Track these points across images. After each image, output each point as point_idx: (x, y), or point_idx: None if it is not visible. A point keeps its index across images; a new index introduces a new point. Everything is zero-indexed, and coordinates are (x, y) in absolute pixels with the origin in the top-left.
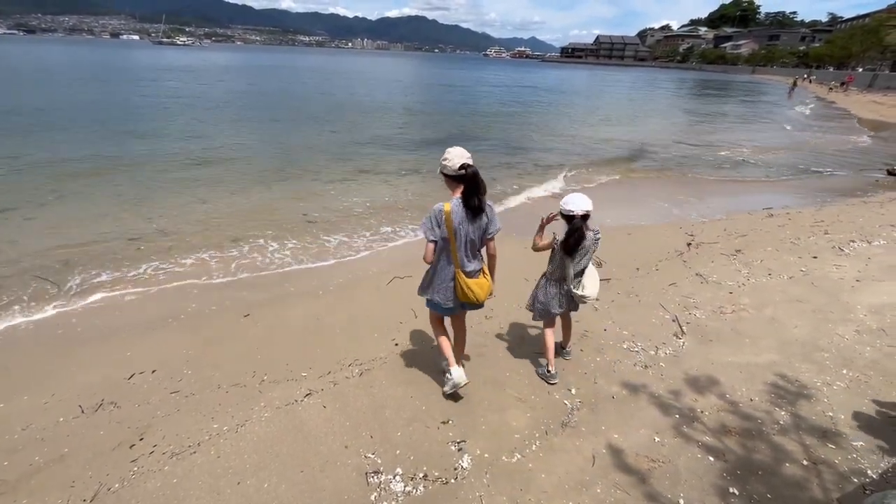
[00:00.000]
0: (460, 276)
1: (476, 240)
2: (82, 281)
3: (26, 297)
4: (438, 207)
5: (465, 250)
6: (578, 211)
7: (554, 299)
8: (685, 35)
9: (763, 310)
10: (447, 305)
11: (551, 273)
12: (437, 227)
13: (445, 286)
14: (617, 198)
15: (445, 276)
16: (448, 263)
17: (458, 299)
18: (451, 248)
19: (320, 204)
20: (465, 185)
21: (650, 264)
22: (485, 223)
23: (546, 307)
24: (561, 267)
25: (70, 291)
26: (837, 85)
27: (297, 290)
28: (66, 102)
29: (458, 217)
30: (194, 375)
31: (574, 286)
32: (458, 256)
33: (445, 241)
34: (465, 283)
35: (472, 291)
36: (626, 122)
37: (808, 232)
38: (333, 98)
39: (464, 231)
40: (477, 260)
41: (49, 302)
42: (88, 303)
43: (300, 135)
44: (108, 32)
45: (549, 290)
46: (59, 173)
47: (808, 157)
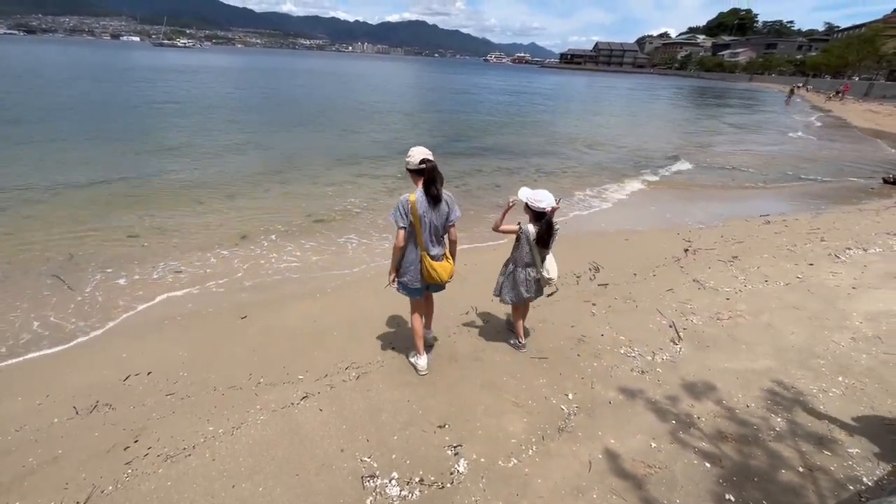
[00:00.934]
0: (426, 259)
1: (439, 227)
2: (76, 280)
3: (24, 296)
4: (405, 198)
5: (430, 236)
6: (548, 207)
7: (522, 285)
8: (683, 43)
9: (759, 316)
10: (414, 286)
11: (519, 260)
12: (404, 215)
13: (414, 268)
14: (616, 203)
15: (413, 259)
16: (415, 247)
17: (424, 280)
18: (417, 233)
19: (319, 206)
20: (425, 177)
21: (648, 270)
22: (446, 211)
23: (520, 293)
24: (531, 255)
25: (64, 291)
26: (834, 94)
27: (295, 291)
28: (62, 103)
29: (422, 206)
30: (190, 377)
31: (542, 270)
32: (423, 241)
33: (412, 227)
34: (429, 265)
35: (436, 272)
36: (625, 128)
37: (805, 239)
38: (332, 101)
39: (428, 218)
40: (440, 245)
41: (45, 302)
42: (81, 301)
43: (299, 138)
44: (109, 34)
45: (518, 276)
46: (56, 173)
47: (804, 164)
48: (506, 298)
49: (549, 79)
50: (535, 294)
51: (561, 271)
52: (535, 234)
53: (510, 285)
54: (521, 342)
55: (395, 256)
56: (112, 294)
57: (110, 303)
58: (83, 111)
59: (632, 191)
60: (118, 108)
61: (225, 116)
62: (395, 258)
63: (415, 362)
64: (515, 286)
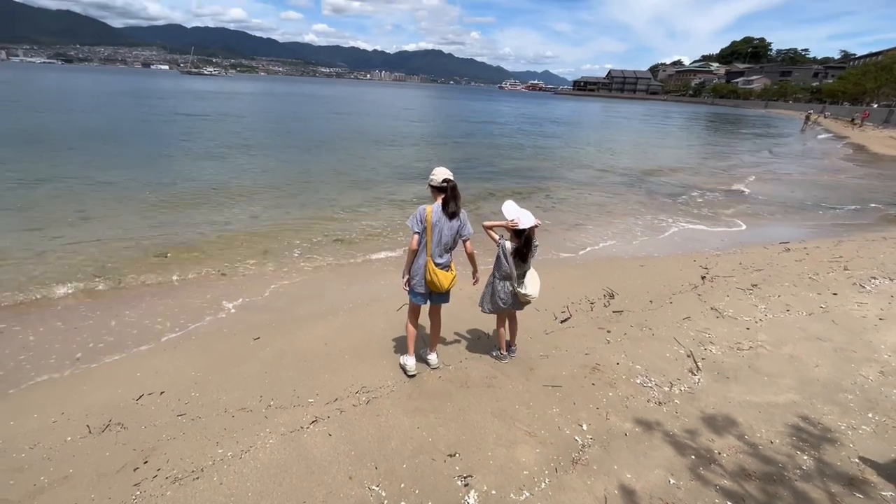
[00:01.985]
0: (430, 264)
1: (449, 239)
2: (100, 297)
3: (55, 316)
4: (422, 208)
5: (438, 245)
6: (528, 226)
7: (499, 296)
8: (697, 70)
9: (782, 347)
10: (418, 290)
11: (497, 272)
12: (420, 221)
13: (420, 272)
14: (629, 228)
15: (420, 263)
16: (423, 253)
17: (427, 286)
18: (427, 239)
19: (336, 228)
20: (446, 194)
21: (663, 297)
22: (457, 226)
23: (497, 304)
24: (509, 268)
25: (90, 308)
26: (851, 120)
27: (309, 312)
28: (91, 126)
29: (436, 216)
30: (201, 398)
31: (518, 286)
32: (431, 247)
33: (424, 233)
34: (432, 270)
35: (437, 278)
36: (638, 152)
37: (827, 267)
38: (348, 127)
39: (439, 228)
40: (448, 256)
41: (69, 316)
42: (99, 316)
43: (314, 161)
44: (140, 62)
45: (496, 287)
46: (85, 190)
47: (823, 191)
48: (485, 308)
49: (563, 105)
50: (514, 306)
51: (574, 296)
52: (512, 249)
53: (489, 296)
54: (503, 353)
55: (409, 259)
56: (135, 313)
57: (133, 322)
58: (103, 137)
59: (644, 215)
60: (139, 133)
61: (241, 141)
62: (409, 261)
63: (404, 363)
64: (493, 297)
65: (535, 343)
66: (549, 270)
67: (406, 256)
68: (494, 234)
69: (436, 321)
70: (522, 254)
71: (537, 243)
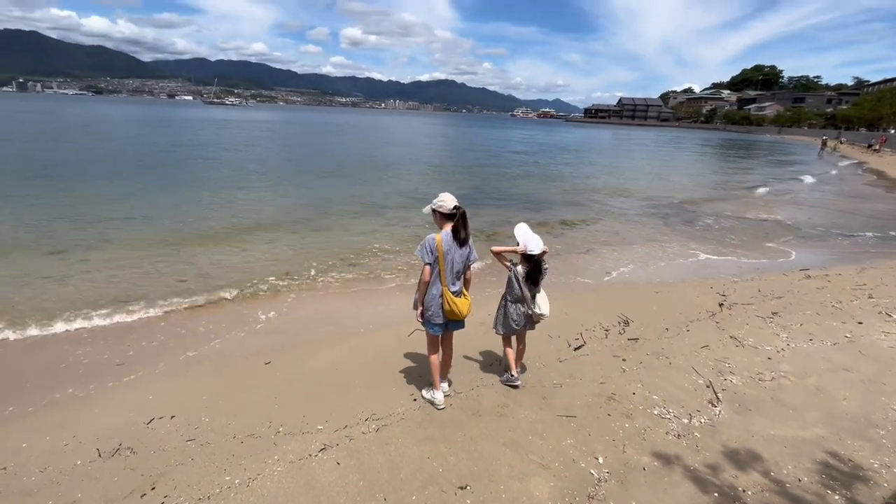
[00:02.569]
0: (447, 294)
1: (461, 266)
2: (123, 321)
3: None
4: (431, 237)
5: (451, 273)
6: (538, 251)
7: (512, 318)
8: (708, 97)
9: (806, 378)
10: (436, 321)
11: (510, 296)
12: (430, 252)
13: (435, 303)
14: (643, 253)
15: (434, 294)
16: (437, 283)
17: (445, 316)
18: (440, 269)
19: (347, 253)
20: (457, 221)
21: (680, 324)
22: (467, 253)
23: (510, 326)
24: (521, 292)
25: (99, 329)
26: (869, 146)
27: (321, 336)
28: (101, 154)
29: (447, 244)
30: (211, 423)
31: (532, 306)
32: (445, 277)
33: (437, 263)
34: (450, 300)
35: (457, 306)
36: (651, 178)
37: (851, 295)
38: (362, 154)
39: (451, 257)
40: (460, 282)
41: (93, 339)
42: (114, 338)
43: (330, 188)
44: (166, 94)
45: (510, 310)
46: (103, 216)
47: (842, 217)
48: (499, 330)
49: (575, 132)
50: (526, 327)
51: (588, 323)
52: (524, 273)
53: (502, 319)
54: (513, 376)
55: (421, 291)
56: (150, 336)
57: (147, 345)
58: (121, 165)
59: (659, 240)
60: (159, 161)
61: (257, 168)
62: (422, 293)
63: (431, 397)
64: (507, 320)
65: (548, 371)
66: (562, 296)
67: (418, 287)
68: (505, 260)
69: (448, 348)
70: (534, 277)
71: (547, 266)
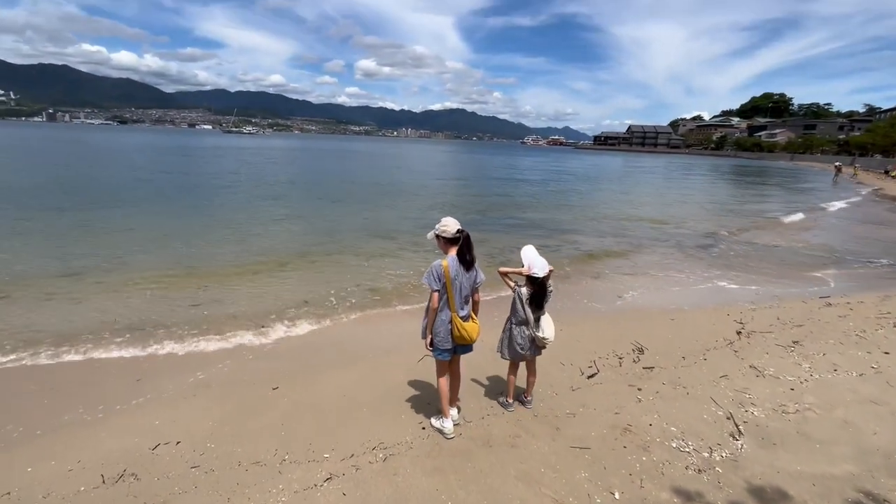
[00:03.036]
0: (456, 319)
1: (468, 291)
2: (133, 346)
3: (74, 355)
4: (438, 263)
5: (459, 298)
6: (542, 274)
7: (517, 342)
8: (718, 125)
9: (833, 411)
10: (445, 347)
11: (515, 318)
12: (438, 279)
13: (444, 329)
14: (657, 279)
15: (444, 319)
16: (446, 309)
17: (454, 341)
18: (449, 295)
19: (357, 277)
20: (462, 245)
21: (697, 353)
22: (474, 275)
23: (515, 350)
24: (525, 314)
25: (111, 356)
26: (885, 172)
27: (328, 361)
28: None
29: (454, 270)
30: (216, 450)
31: (535, 329)
32: (454, 303)
33: (444, 289)
34: (459, 325)
35: (466, 331)
36: (663, 205)
37: (875, 324)
38: (371, 181)
39: (458, 282)
40: (468, 307)
41: (96, 363)
42: (126, 361)
43: (340, 213)
44: (187, 123)
45: (514, 333)
46: (122, 240)
47: (861, 244)
48: (505, 355)
49: (585, 159)
50: (532, 352)
51: (601, 351)
52: (528, 295)
53: (507, 342)
54: (509, 401)
55: (431, 318)
56: (163, 359)
57: (160, 368)
58: (128, 194)
59: (672, 266)
60: (170, 188)
61: (269, 192)
62: (431, 320)
63: (441, 426)
64: (511, 343)
65: (560, 399)
66: (574, 322)
67: (426, 315)
68: (510, 281)
69: (456, 373)
70: (538, 300)
71: (552, 289)
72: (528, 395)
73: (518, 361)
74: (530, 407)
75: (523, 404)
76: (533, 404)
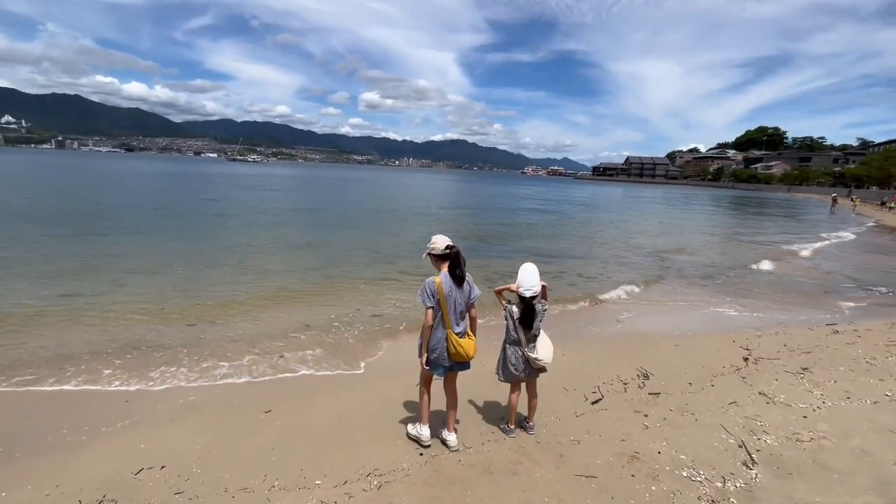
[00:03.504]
0: (451, 336)
1: (463, 306)
2: (116, 367)
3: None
4: (431, 280)
5: (454, 315)
6: (529, 294)
7: (510, 362)
8: (714, 157)
9: (849, 440)
10: (442, 364)
11: (508, 338)
12: (431, 295)
13: (440, 346)
14: (659, 306)
15: (439, 337)
16: (441, 326)
17: (451, 358)
18: (443, 311)
19: (358, 301)
20: (451, 261)
21: (704, 379)
22: (468, 291)
23: (510, 371)
24: (516, 332)
25: (102, 377)
26: (882, 203)
27: (324, 385)
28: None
29: (447, 286)
30: (203, 475)
31: (529, 350)
32: (449, 319)
33: (439, 306)
34: (455, 342)
35: (462, 348)
36: (665, 233)
37: (884, 351)
38: (374, 207)
39: (453, 298)
40: (464, 322)
41: (84, 384)
42: (118, 380)
43: (343, 237)
44: (193, 151)
45: (507, 353)
46: (117, 265)
47: (863, 273)
48: (500, 376)
49: (585, 189)
50: (527, 373)
51: (605, 376)
52: (518, 314)
53: (502, 363)
54: (510, 427)
55: (426, 336)
56: (141, 381)
57: (150, 389)
58: (136, 216)
59: (675, 292)
60: (174, 212)
61: (271, 218)
62: (426, 337)
63: (418, 434)
64: (506, 364)
65: (564, 425)
66: (576, 347)
67: (421, 334)
68: (503, 300)
69: (452, 392)
70: (526, 321)
71: (546, 308)
72: (531, 420)
73: (515, 383)
74: (533, 433)
75: (525, 430)
76: (536, 430)
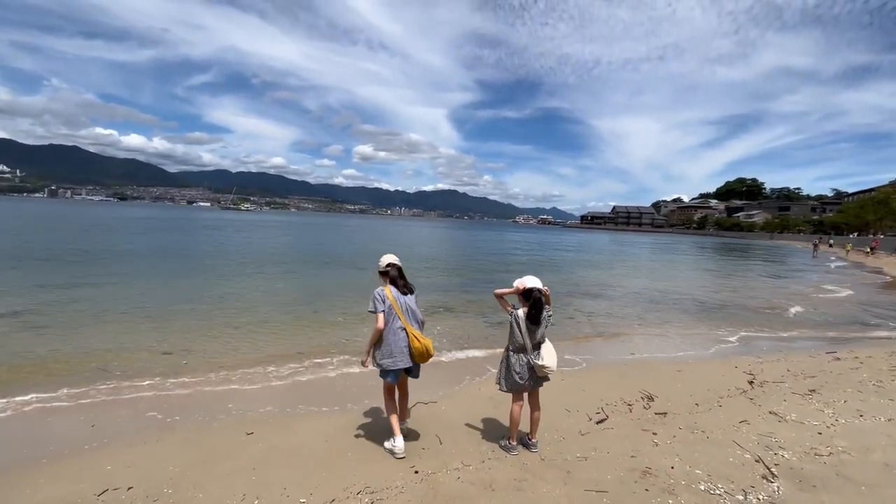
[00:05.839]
0: (411, 331)
1: (416, 311)
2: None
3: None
4: (379, 289)
5: (408, 316)
6: (532, 285)
7: (515, 370)
8: (697, 206)
9: (870, 454)
10: (400, 366)
11: (512, 345)
12: (382, 301)
13: (401, 346)
14: (658, 336)
15: (400, 338)
16: (398, 328)
17: (414, 358)
18: (398, 312)
19: (346, 334)
20: (391, 276)
21: (710, 400)
22: (415, 304)
23: (514, 380)
24: (522, 339)
25: (73, 395)
26: (868, 250)
27: (314, 408)
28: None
29: (394, 292)
30: (174, 496)
31: (535, 357)
32: (405, 319)
33: (391, 310)
34: (417, 335)
35: (421, 341)
36: (657, 276)
37: (889, 375)
38: (363, 250)
39: (402, 301)
40: (418, 324)
41: (50, 406)
42: (83, 403)
43: (329, 276)
44: (186, 200)
45: (511, 361)
46: (105, 308)
47: (856, 309)
48: (503, 387)
49: (574, 236)
50: (531, 382)
51: (608, 398)
52: (524, 315)
53: (505, 372)
54: (511, 443)
55: (374, 337)
56: (110, 398)
57: (124, 412)
58: (131, 257)
59: (676, 323)
60: (169, 253)
61: (262, 259)
62: (374, 339)
63: (392, 447)
64: (509, 373)
65: (569, 444)
66: (577, 372)
67: (371, 337)
68: (507, 305)
69: (404, 392)
70: (533, 316)
71: (551, 312)
72: (533, 436)
73: (518, 393)
74: (536, 451)
75: (528, 448)
76: (539, 448)
